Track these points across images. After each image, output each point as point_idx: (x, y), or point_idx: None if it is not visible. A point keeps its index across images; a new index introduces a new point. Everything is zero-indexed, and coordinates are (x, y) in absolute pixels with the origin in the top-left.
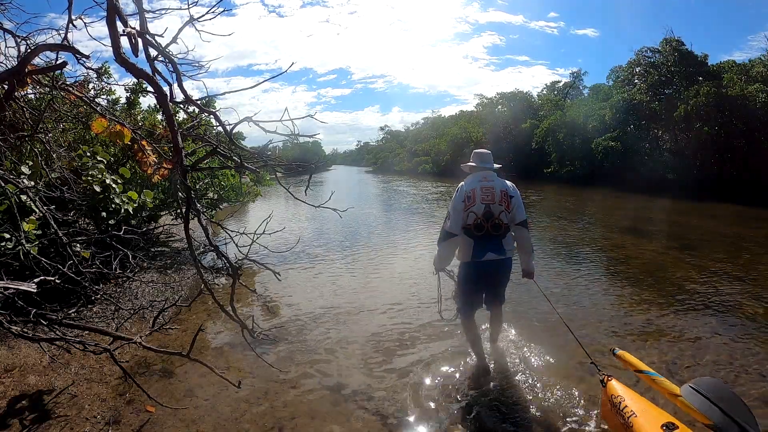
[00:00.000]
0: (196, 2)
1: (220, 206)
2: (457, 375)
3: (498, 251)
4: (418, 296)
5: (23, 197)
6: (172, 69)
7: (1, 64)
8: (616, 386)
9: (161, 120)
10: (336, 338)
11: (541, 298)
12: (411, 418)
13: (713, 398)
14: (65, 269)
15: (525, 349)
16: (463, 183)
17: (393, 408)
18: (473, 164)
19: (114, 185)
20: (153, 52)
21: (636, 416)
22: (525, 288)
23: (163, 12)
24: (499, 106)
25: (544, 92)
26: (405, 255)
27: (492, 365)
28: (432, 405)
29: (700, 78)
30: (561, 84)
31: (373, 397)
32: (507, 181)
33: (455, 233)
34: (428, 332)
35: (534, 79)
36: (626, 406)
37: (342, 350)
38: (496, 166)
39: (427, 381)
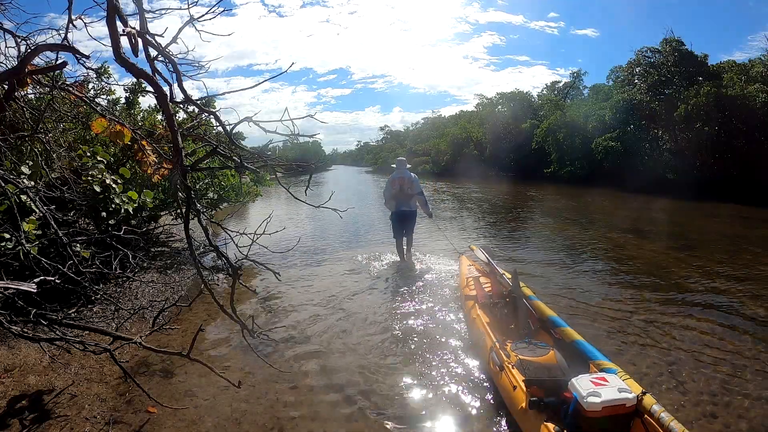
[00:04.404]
0: (196, 2)
1: (220, 206)
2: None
3: (406, 206)
4: (419, 294)
5: (23, 197)
6: (172, 69)
7: (1, 64)
8: (463, 258)
9: (161, 120)
10: (336, 338)
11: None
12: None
13: (486, 253)
14: (65, 269)
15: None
16: (391, 175)
17: (394, 408)
18: (394, 166)
19: (114, 185)
20: (153, 52)
21: (463, 266)
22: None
23: (163, 12)
24: (499, 106)
25: (544, 92)
26: (411, 270)
27: (405, 258)
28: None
29: (700, 78)
30: (561, 84)
31: (373, 397)
32: (413, 174)
33: (387, 198)
34: (427, 332)
35: (534, 79)
36: (462, 263)
37: (342, 350)
38: (408, 166)
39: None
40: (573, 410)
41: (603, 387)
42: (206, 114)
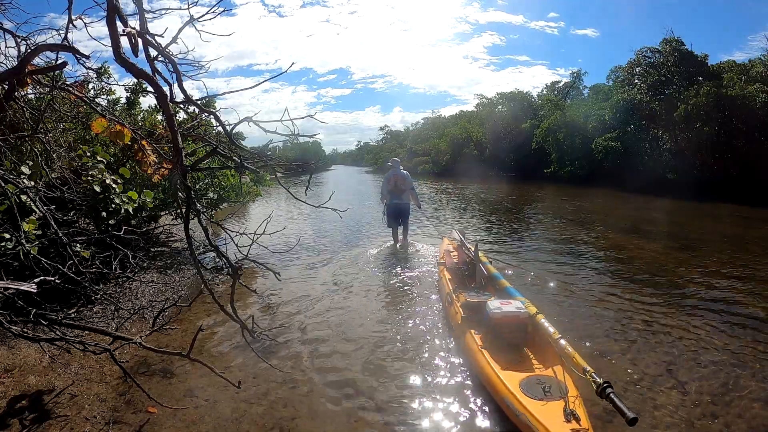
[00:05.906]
0: (196, 2)
1: (220, 206)
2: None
3: (400, 200)
4: (418, 295)
5: (23, 197)
6: (172, 69)
7: (1, 64)
8: (444, 239)
9: (161, 120)
10: (336, 338)
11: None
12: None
13: (460, 233)
14: (65, 269)
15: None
16: (388, 173)
17: (393, 407)
18: (390, 165)
19: (114, 185)
20: (153, 52)
21: (443, 244)
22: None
23: (163, 12)
24: (499, 106)
25: (544, 92)
26: (405, 254)
27: (399, 245)
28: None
29: (700, 78)
30: (561, 84)
31: (373, 397)
32: (405, 172)
33: (384, 193)
34: (424, 333)
35: (534, 79)
36: (443, 242)
37: (342, 350)
38: (401, 166)
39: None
40: (486, 319)
41: (506, 305)
42: (206, 114)
